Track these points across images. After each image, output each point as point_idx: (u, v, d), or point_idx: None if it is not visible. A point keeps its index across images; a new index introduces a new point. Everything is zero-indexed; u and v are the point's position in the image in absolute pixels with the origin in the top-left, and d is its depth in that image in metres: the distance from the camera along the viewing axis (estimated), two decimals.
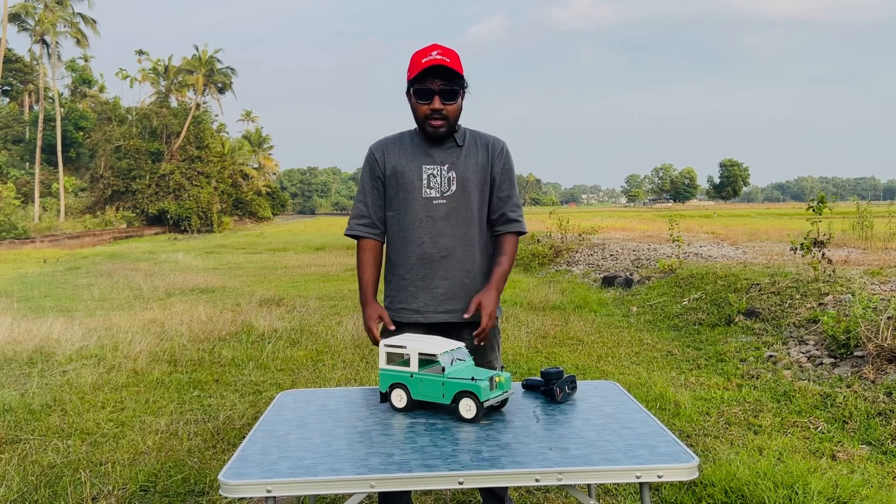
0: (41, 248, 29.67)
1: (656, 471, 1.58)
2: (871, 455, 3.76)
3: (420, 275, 2.54)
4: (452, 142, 2.57)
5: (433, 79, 2.41)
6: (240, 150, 71.19)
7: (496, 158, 2.60)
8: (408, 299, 2.56)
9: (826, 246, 7.35)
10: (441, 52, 2.43)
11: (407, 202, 2.54)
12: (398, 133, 2.69)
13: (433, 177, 2.53)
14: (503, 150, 2.63)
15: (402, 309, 2.58)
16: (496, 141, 2.65)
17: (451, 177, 2.53)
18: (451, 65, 2.40)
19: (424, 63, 2.39)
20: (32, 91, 51.67)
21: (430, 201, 2.52)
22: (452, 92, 2.45)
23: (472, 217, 2.55)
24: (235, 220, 59.08)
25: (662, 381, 5.26)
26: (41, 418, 4.65)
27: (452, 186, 2.53)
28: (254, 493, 1.55)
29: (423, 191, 2.53)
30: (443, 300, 2.54)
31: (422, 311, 2.55)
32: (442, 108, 2.44)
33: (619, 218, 34.07)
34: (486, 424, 1.89)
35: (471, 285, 2.56)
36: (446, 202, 2.53)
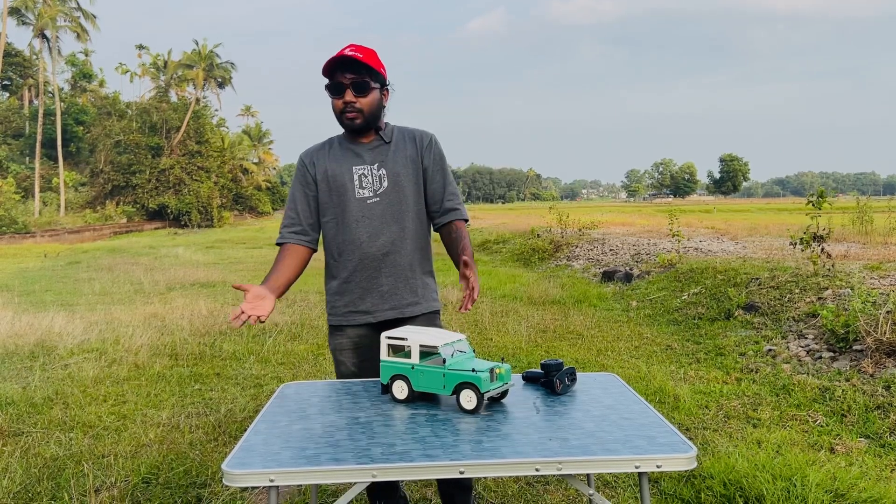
0: (41, 242, 29.68)
1: (655, 461, 1.59)
2: (870, 448, 3.78)
3: (364, 276, 2.54)
4: (379, 140, 2.59)
5: (343, 73, 2.44)
6: (239, 144, 71.15)
7: (425, 151, 2.62)
8: (355, 301, 2.56)
9: (825, 241, 7.36)
10: (354, 48, 2.46)
11: (341, 205, 2.55)
12: (326, 139, 2.70)
13: (364, 176, 2.55)
14: (431, 142, 2.64)
15: (349, 312, 2.58)
16: (423, 134, 2.66)
17: (381, 174, 2.55)
18: (363, 59, 2.42)
19: (335, 58, 2.43)
20: (32, 85, 51.59)
21: (363, 201, 2.53)
22: (363, 84, 2.45)
23: (407, 211, 2.57)
24: (235, 215, 59.06)
25: (662, 374, 5.27)
26: (43, 411, 4.67)
27: (384, 183, 2.54)
28: (257, 483, 1.56)
29: (356, 192, 2.54)
30: (388, 297, 2.55)
31: (370, 311, 2.56)
32: (354, 100, 2.45)
33: (619, 213, 34.06)
34: (487, 415, 1.90)
35: (412, 278, 2.59)
36: (380, 199, 2.54)
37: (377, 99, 2.52)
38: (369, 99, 2.48)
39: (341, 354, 2.63)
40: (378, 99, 2.52)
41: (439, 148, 2.67)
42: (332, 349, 2.68)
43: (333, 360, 2.70)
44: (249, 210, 65.60)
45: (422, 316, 2.61)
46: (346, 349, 2.61)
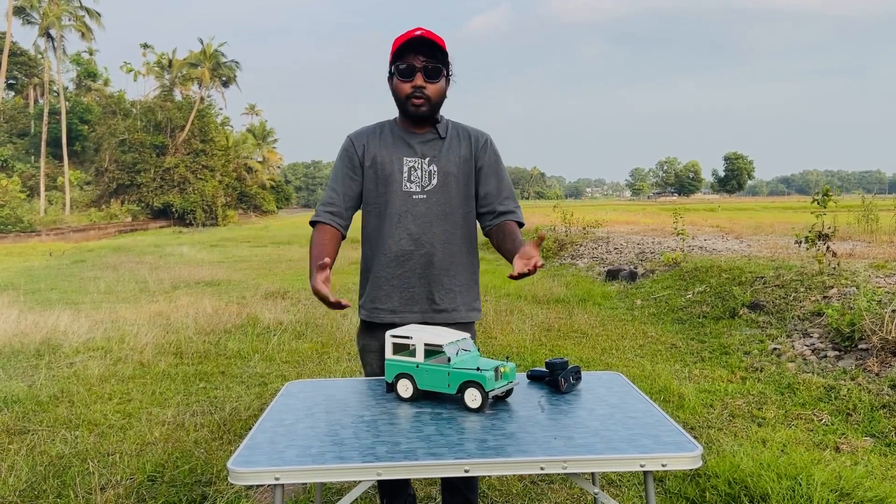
0: (47, 241, 29.79)
1: (660, 459, 1.59)
2: (875, 447, 3.78)
3: (396, 273, 2.42)
4: (434, 133, 2.46)
5: (416, 55, 2.31)
6: (244, 143, 71.25)
7: (480, 151, 2.50)
8: (382, 298, 2.44)
9: (831, 239, 7.34)
10: (424, 32, 2.32)
11: (386, 196, 2.42)
12: (377, 123, 2.55)
13: (414, 170, 2.42)
14: (487, 143, 2.52)
15: (375, 308, 2.46)
16: (480, 133, 2.54)
17: (432, 170, 2.42)
18: (437, 40, 2.30)
19: (407, 38, 2.30)
20: (37, 85, 51.72)
21: (409, 196, 2.40)
22: (436, 70, 2.34)
23: (453, 213, 2.44)
24: (240, 214, 59.16)
25: (666, 373, 5.27)
26: (49, 409, 4.68)
27: (433, 181, 2.42)
28: (262, 481, 1.57)
29: (403, 184, 2.41)
30: (419, 300, 2.42)
31: (397, 311, 2.43)
32: (424, 85, 2.33)
33: (624, 211, 34.02)
34: (492, 414, 1.90)
35: (449, 284, 2.44)
36: (427, 197, 2.41)
37: (444, 88, 2.41)
38: (438, 86, 2.37)
39: (368, 356, 2.53)
40: (444, 88, 2.41)
41: (495, 149, 2.54)
42: (359, 347, 2.59)
43: (361, 361, 2.62)
44: (254, 209, 65.70)
45: (455, 325, 2.44)
46: (373, 351, 2.49)
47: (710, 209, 39.23)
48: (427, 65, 2.32)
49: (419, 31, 2.32)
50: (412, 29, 2.34)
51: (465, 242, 2.50)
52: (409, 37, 2.29)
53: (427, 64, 2.32)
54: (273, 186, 74.18)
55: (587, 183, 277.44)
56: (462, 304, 2.49)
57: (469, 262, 2.52)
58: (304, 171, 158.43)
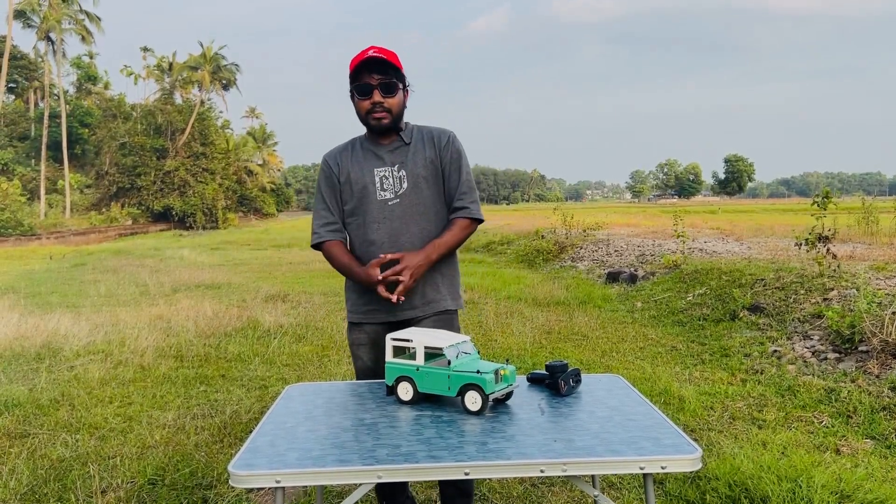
0: (47, 244, 29.79)
1: (660, 462, 1.60)
2: (875, 449, 3.77)
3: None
4: (400, 141, 2.63)
5: (370, 74, 2.48)
6: (244, 146, 71.31)
7: (443, 150, 2.64)
8: (376, 300, 2.54)
9: (831, 241, 7.34)
10: (376, 49, 2.49)
11: (363, 206, 2.59)
12: (348, 141, 2.74)
13: (385, 178, 2.58)
14: (449, 140, 2.66)
15: (370, 310, 2.62)
16: (441, 132, 2.68)
17: (401, 175, 2.58)
18: (388, 59, 2.47)
19: (359, 59, 2.47)
20: (38, 88, 51.79)
21: (384, 203, 2.57)
22: (391, 85, 2.50)
23: (427, 212, 2.60)
24: (240, 217, 59.20)
25: (667, 375, 5.27)
26: (49, 413, 4.69)
27: (404, 185, 2.58)
28: (263, 484, 1.57)
29: (377, 193, 2.58)
30: (408, 296, 2.54)
31: (391, 309, 2.58)
32: (382, 100, 2.50)
33: (624, 214, 34.02)
34: (492, 417, 1.91)
35: (431, 278, 2.62)
36: (400, 201, 2.57)
37: (402, 99, 2.57)
38: (396, 99, 2.53)
39: (359, 350, 2.68)
40: (402, 99, 2.58)
41: (457, 146, 2.67)
42: (350, 344, 2.73)
43: (351, 355, 2.75)
44: (254, 212, 65.74)
45: (440, 313, 2.64)
46: (363, 344, 2.66)
47: (710, 211, 39.26)
48: (382, 81, 2.49)
49: (371, 49, 2.50)
50: (365, 49, 2.52)
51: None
52: (363, 58, 2.46)
53: (382, 80, 2.49)
54: (273, 189, 74.19)
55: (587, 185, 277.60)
56: (447, 294, 2.68)
57: (450, 257, 2.68)
58: (305, 174, 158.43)
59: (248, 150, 72.27)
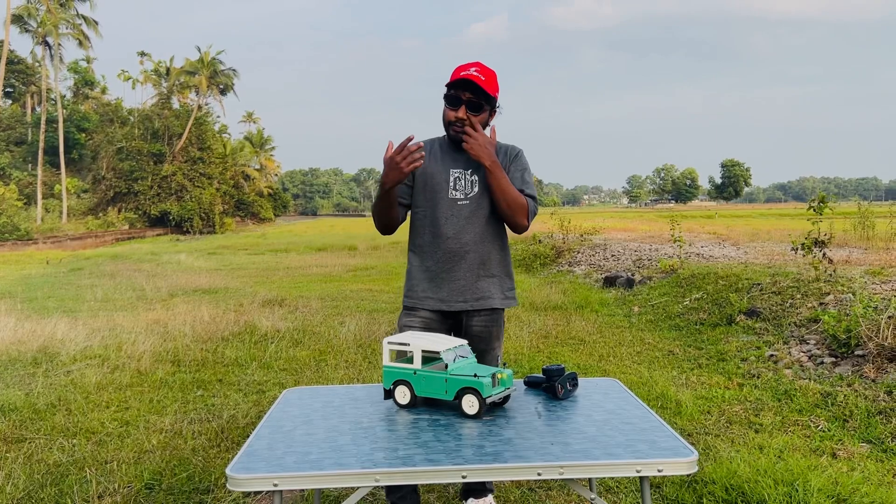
0: (44, 249, 29.75)
1: (656, 465, 1.60)
2: (872, 453, 3.78)
3: (445, 267, 2.79)
4: None
5: (464, 90, 2.68)
6: (241, 151, 71.34)
7: (512, 163, 2.85)
8: (433, 289, 2.82)
9: (827, 246, 7.36)
10: (479, 69, 2.71)
11: (434, 201, 2.80)
12: (429, 139, 2.95)
13: (459, 180, 2.80)
14: (518, 155, 2.89)
15: (426, 297, 2.84)
16: (512, 147, 2.91)
17: (474, 180, 2.79)
18: (484, 83, 2.66)
19: (461, 75, 2.68)
20: (35, 93, 51.79)
21: (454, 202, 2.79)
22: (478, 105, 2.71)
23: (490, 217, 2.82)
24: (237, 222, 59.15)
25: (664, 380, 5.28)
26: (46, 418, 4.68)
27: (475, 189, 2.79)
28: (261, 487, 1.57)
29: (449, 192, 2.79)
30: (463, 290, 2.80)
31: (445, 300, 2.81)
32: (465, 117, 2.71)
33: (621, 218, 34.08)
34: (489, 420, 1.91)
35: (487, 276, 2.84)
36: (469, 203, 2.79)
37: (484, 119, 2.77)
38: (479, 118, 2.73)
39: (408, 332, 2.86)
40: (485, 119, 2.78)
41: (524, 160, 2.90)
42: (400, 326, 2.91)
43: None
44: (251, 216, 65.70)
45: (489, 310, 2.85)
46: (415, 327, 2.84)
47: (707, 216, 39.33)
48: (472, 100, 2.70)
49: (475, 67, 2.71)
50: (470, 63, 2.75)
51: (500, 240, 2.89)
52: (463, 76, 2.67)
53: (472, 99, 2.70)
54: (271, 194, 74.18)
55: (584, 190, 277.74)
56: (497, 293, 2.88)
57: (503, 258, 2.92)
58: (302, 179, 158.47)
59: (245, 154, 72.29)
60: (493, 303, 2.86)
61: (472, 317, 2.84)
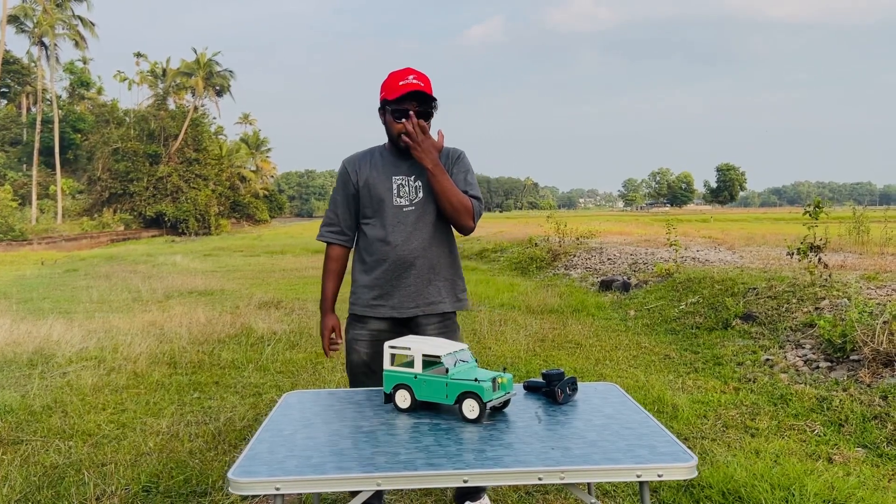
0: (38, 250, 29.68)
1: (656, 470, 1.61)
2: (867, 458, 3.80)
3: (395, 274, 2.80)
4: None
5: (411, 101, 2.69)
6: (237, 152, 71.22)
7: (454, 165, 2.87)
8: (384, 296, 2.83)
9: (822, 250, 7.39)
10: (416, 76, 2.72)
11: (380, 210, 2.81)
12: (368, 149, 2.97)
13: (402, 186, 2.81)
14: (461, 157, 2.91)
15: (378, 305, 2.85)
16: (453, 150, 2.93)
17: (417, 185, 2.81)
18: (425, 89, 2.70)
19: (403, 87, 2.67)
20: (30, 93, 51.65)
21: (400, 209, 2.80)
22: (427, 114, 2.74)
23: (437, 221, 2.84)
24: (233, 223, 59.05)
25: (660, 384, 5.29)
26: (42, 420, 4.67)
27: (419, 194, 2.81)
28: (263, 491, 1.58)
29: (394, 200, 2.80)
30: (414, 296, 2.83)
31: (397, 307, 2.83)
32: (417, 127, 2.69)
33: (617, 222, 34.12)
34: (489, 425, 1.92)
35: (436, 280, 2.87)
36: (415, 209, 2.80)
37: (430, 125, 2.78)
38: (427, 125, 2.75)
39: (357, 343, 2.88)
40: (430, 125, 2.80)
41: (467, 161, 2.92)
42: (348, 338, 2.93)
43: (346, 349, 2.95)
44: (247, 218, 65.59)
45: (440, 315, 2.88)
46: (363, 339, 2.87)
47: (702, 220, 39.41)
48: (420, 110, 2.72)
49: (412, 75, 2.71)
50: (403, 70, 2.74)
51: (448, 244, 2.93)
52: (407, 89, 2.67)
53: (420, 110, 2.72)
54: (266, 195, 74.10)
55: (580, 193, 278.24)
56: (447, 297, 2.91)
57: (452, 261, 2.95)
58: (298, 181, 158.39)
59: (241, 156, 72.18)
60: (445, 307, 2.89)
61: (425, 322, 2.85)
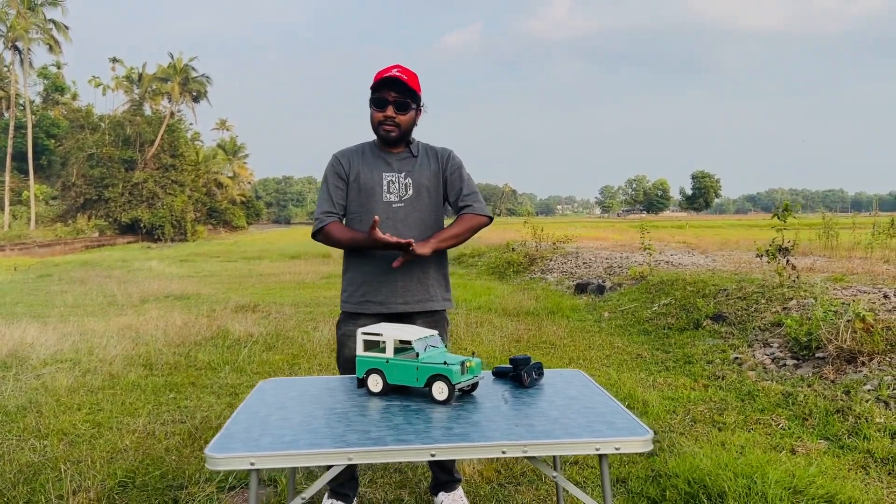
0: (11, 255, 29.23)
1: (614, 443, 1.70)
2: (829, 449, 3.92)
3: (383, 269, 2.82)
4: (408, 153, 2.93)
5: (389, 91, 2.76)
6: (214, 158, 70.75)
7: (446, 164, 2.96)
8: (371, 292, 2.87)
9: (791, 253, 7.56)
10: (400, 70, 2.79)
11: (369, 206, 2.85)
12: (359, 144, 3.00)
13: (392, 183, 2.86)
14: (451, 155, 2.99)
15: (365, 301, 2.89)
16: (444, 150, 3.01)
17: (407, 183, 2.87)
18: (407, 81, 2.75)
19: (381, 76, 2.75)
20: (3, 98, 50.97)
21: (389, 205, 2.84)
22: (405, 104, 2.79)
23: (426, 219, 2.89)
24: (209, 229, 58.61)
25: (632, 381, 5.40)
26: (17, 420, 4.66)
27: (409, 191, 2.87)
28: (238, 466, 1.64)
29: (383, 196, 2.85)
30: (402, 292, 2.86)
31: (384, 302, 2.86)
32: (394, 115, 2.79)
33: (593, 228, 34.42)
34: (458, 405, 2.00)
35: (425, 278, 2.90)
36: (404, 206, 2.85)
37: (412, 117, 2.86)
38: (407, 117, 2.82)
39: (348, 340, 2.88)
40: (413, 117, 2.87)
41: (457, 159, 3.01)
42: (339, 334, 2.99)
43: (338, 345, 3.02)
44: (224, 224, 65.10)
45: (431, 312, 2.93)
46: (354, 335, 2.78)
47: (678, 226, 39.82)
48: (398, 99, 2.77)
49: (396, 69, 2.78)
50: (391, 66, 2.81)
51: None
52: (386, 74, 2.74)
53: (397, 99, 2.77)
54: (243, 202, 73.60)
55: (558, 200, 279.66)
56: (437, 294, 2.96)
57: (440, 259, 2.98)
58: (276, 187, 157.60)
59: (218, 162, 71.73)
60: (434, 305, 2.93)
61: (415, 319, 2.88)
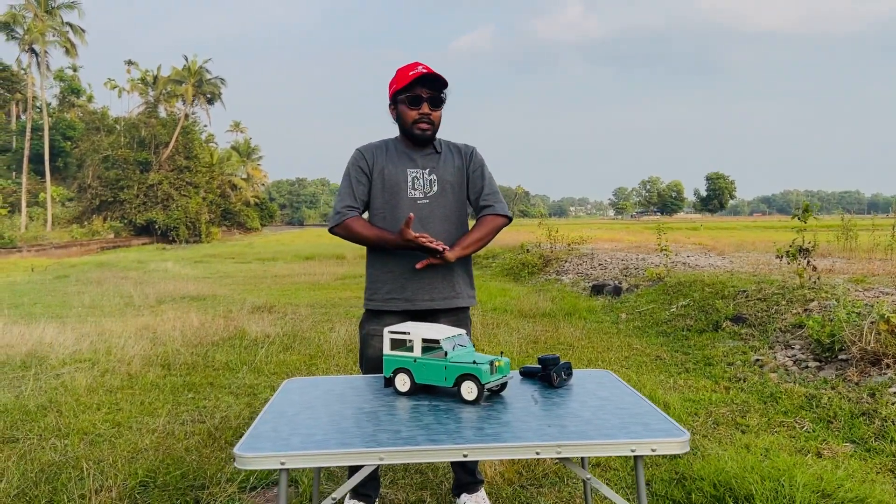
0: (28, 257, 29.50)
1: (650, 444, 1.66)
2: (856, 452, 3.86)
3: (409, 267, 2.79)
4: (432, 149, 2.91)
5: (422, 87, 2.74)
6: (228, 160, 71.16)
7: (469, 161, 2.95)
8: (397, 289, 2.84)
9: (811, 254, 7.48)
10: (424, 66, 2.76)
11: (394, 202, 2.83)
12: (381, 140, 2.97)
13: (417, 179, 2.85)
14: (474, 152, 2.99)
15: (391, 298, 2.86)
16: (466, 146, 3.01)
17: (432, 179, 2.86)
18: (440, 76, 2.74)
19: (413, 75, 2.72)
20: (20, 100, 51.47)
21: (414, 201, 2.82)
22: (439, 99, 2.80)
23: (450, 215, 2.88)
24: (224, 231, 58.91)
25: (652, 383, 5.35)
26: (37, 419, 4.68)
27: (434, 188, 2.86)
28: (268, 466, 1.62)
29: (408, 192, 2.83)
30: (428, 289, 2.84)
31: (411, 298, 2.83)
32: (430, 112, 2.77)
33: (608, 229, 34.27)
34: (487, 406, 1.97)
35: (450, 274, 2.88)
36: (429, 202, 2.84)
37: (441, 114, 2.86)
38: (439, 113, 2.83)
39: (373, 339, 2.86)
40: (441, 113, 2.86)
41: (480, 157, 3.00)
42: (363, 333, 2.94)
43: (361, 344, 2.97)
44: (238, 226, 65.43)
45: (456, 309, 2.93)
46: (378, 334, 2.79)
47: (692, 228, 39.58)
48: (432, 96, 2.77)
49: (420, 65, 2.76)
50: (413, 63, 2.79)
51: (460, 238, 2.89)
52: (418, 74, 2.72)
53: (432, 95, 2.77)
54: (257, 203, 73.94)
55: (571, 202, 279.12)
56: (463, 291, 2.96)
57: (465, 257, 2.91)
58: (289, 189, 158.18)
59: (232, 164, 72.12)
60: (460, 301, 2.92)
61: (440, 316, 2.87)
